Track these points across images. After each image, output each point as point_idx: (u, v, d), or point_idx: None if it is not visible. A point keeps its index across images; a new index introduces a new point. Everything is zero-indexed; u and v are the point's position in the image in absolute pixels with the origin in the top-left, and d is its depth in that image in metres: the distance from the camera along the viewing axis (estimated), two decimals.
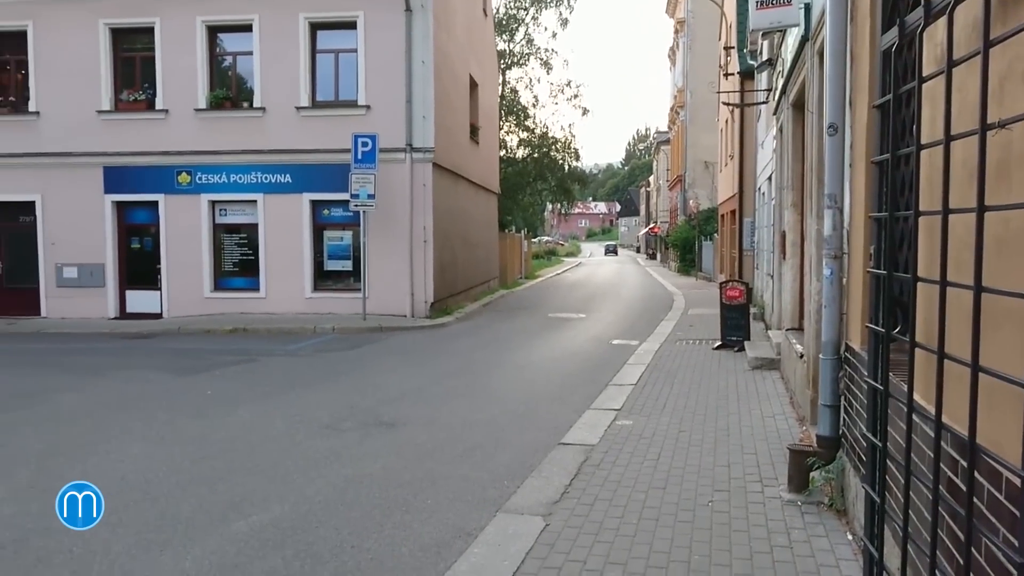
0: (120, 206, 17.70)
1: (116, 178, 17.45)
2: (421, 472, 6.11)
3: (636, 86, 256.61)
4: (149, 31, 17.26)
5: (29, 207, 17.62)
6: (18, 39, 17.46)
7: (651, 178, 77.81)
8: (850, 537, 4.52)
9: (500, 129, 32.78)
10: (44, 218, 17.59)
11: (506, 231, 32.85)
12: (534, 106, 40.51)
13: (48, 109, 17.41)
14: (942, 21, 2.10)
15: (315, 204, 17.25)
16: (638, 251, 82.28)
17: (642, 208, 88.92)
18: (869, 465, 2.90)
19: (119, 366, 11.56)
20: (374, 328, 15.43)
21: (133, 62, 17.79)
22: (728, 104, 21.67)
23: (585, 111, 48.85)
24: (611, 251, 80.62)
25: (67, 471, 6.13)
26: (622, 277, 38.43)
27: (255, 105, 17.17)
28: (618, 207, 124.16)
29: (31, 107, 17.51)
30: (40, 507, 5.26)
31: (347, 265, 17.30)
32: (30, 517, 5.09)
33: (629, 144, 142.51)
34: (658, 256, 59.60)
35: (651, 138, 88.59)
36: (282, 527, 4.91)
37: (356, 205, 15.99)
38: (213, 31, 17.39)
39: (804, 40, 7.98)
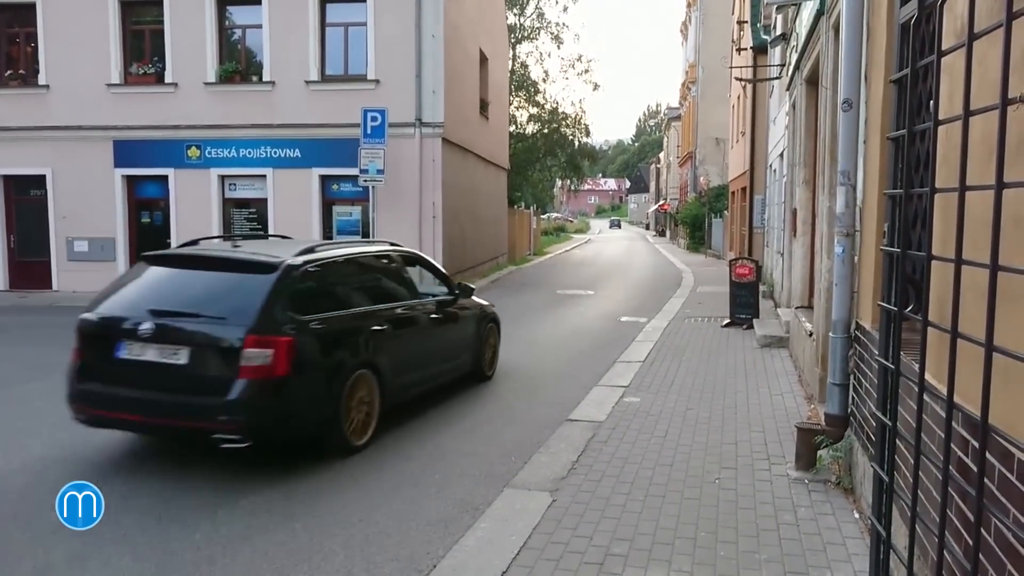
0: (130, 180, 17.73)
1: (126, 152, 17.46)
2: (429, 446, 6.14)
3: (647, 61, 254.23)
4: (158, 4, 17.17)
5: (40, 180, 17.67)
6: (27, 11, 17.42)
7: (661, 155, 77.37)
8: (857, 515, 4.52)
9: (510, 104, 32.57)
10: (55, 192, 17.64)
11: (515, 207, 32.77)
12: (544, 81, 40.26)
13: (58, 82, 17.39)
14: None
15: (324, 179, 17.24)
16: (647, 228, 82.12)
17: (652, 185, 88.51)
18: (878, 444, 2.88)
19: None
20: None
21: (142, 35, 17.73)
22: (740, 80, 21.43)
23: (596, 86, 48.71)
24: (615, 225, 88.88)
25: (79, 444, 6.17)
26: (631, 254, 38.33)
27: (264, 79, 17.10)
28: (628, 184, 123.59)
29: (41, 80, 17.50)
30: (52, 479, 5.30)
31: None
32: (42, 488, 5.14)
33: (640, 120, 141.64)
34: (667, 233, 59.39)
35: (662, 114, 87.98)
36: (291, 499, 4.95)
37: (365, 180, 15.95)
38: (222, 4, 17.30)
39: (819, 14, 7.86)
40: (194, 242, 6.76)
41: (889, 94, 3.14)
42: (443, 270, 8.46)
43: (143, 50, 17.71)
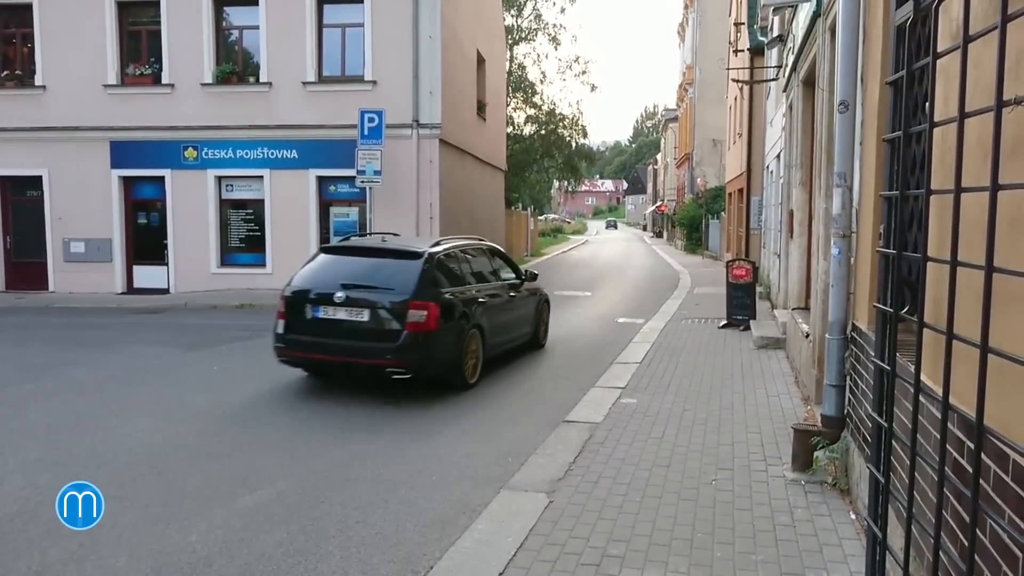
0: (127, 181, 17.71)
1: (123, 153, 17.44)
2: (426, 448, 6.13)
3: (645, 63, 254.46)
4: (155, 5, 17.16)
5: (36, 181, 17.64)
6: (24, 12, 17.40)
7: (658, 156, 77.47)
8: (853, 517, 4.52)
9: (507, 105, 32.58)
10: (51, 193, 17.61)
11: (513, 208, 32.76)
12: (542, 82, 40.25)
13: (54, 83, 17.37)
14: None
15: (321, 180, 17.22)
16: (644, 229, 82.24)
17: (649, 186, 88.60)
18: (874, 445, 2.88)
19: (126, 341, 11.61)
20: None
21: (139, 36, 17.71)
22: (737, 81, 21.46)
23: (593, 88, 48.58)
24: (611, 226, 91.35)
25: (75, 445, 6.18)
26: (628, 255, 38.34)
27: (261, 80, 17.10)
28: (625, 185, 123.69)
29: (37, 81, 17.48)
30: (48, 480, 5.30)
31: None
32: (38, 490, 5.13)
33: (637, 121, 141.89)
34: (664, 234, 59.44)
35: (659, 116, 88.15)
36: (288, 502, 4.94)
37: (362, 181, 15.93)
38: (219, 4, 17.29)
39: (816, 15, 7.88)
40: (346, 238, 9.89)
41: (885, 96, 3.15)
42: (512, 260, 10.80)
43: (140, 51, 17.69)
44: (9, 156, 17.55)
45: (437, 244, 8.54)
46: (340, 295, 7.69)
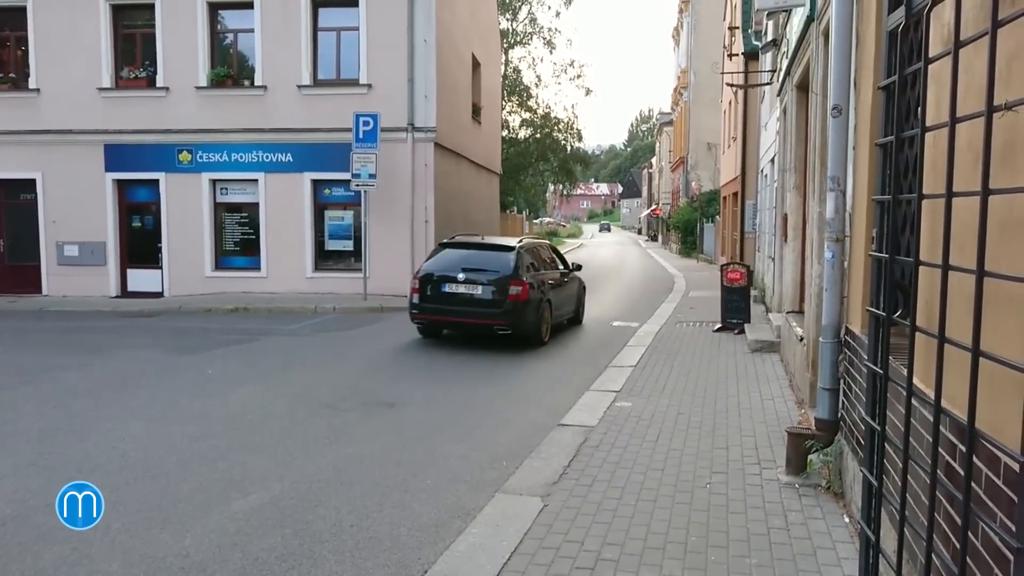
0: (121, 184, 17.65)
1: (117, 156, 17.39)
2: (421, 452, 6.13)
3: (640, 67, 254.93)
4: (150, 8, 17.13)
5: (30, 184, 17.58)
6: (18, 15, 17.34)
7: (653, 159, 77.59)
8: (847, 520, 4.53)
9: (502, 109, 32.62)
10: (45, 196, 17.55)
11: (508, 212, 32.83)
12: (537, 86, 40.26)
13: (49, 86, 17.32)
14: (949, 1, 2.07)
15: (316, 183, 17.20)
16: (639, 233, 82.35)
17: (644, 190, 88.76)
18: (867, 448, 2.89)
19: (120, 344, 11.57)
20: (375, 308, 15.43)
21: (134, 39, 17.67)
22: (732, 85, 21.52)
23: (588, 91, 48.34)
24: (604, 228, 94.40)
25: (68, 449, 6.16)
26: (623, 259, 38.36)
27: (256, 83, 17.08)
28: (620, 188, 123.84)
29: (31, 84, 17.42)
30: (41, 484, 5.28)
31: (348, 245, 17.28)
32: (31, 494, 5.11)
33: (632, 125, 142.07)
34: (659, 238, 59.53)
35: (654, 119, 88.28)
36: (282, 506, 4.93)
37: (357, 185, 15.93)
38: (214, 8, 17.26)
39: (810, 20, 7.91)
40: (453, 237, 12.62)
41: (878, 100, 3.16)
42: (562, 254, 14.02)
43: (134, 54, 17.66)
44: (3, 159, 17.48)
45: (520, 241, 12.17)
46: (462, 276, 11.02)
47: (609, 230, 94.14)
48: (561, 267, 13.07)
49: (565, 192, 53.77)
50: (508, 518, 4.65)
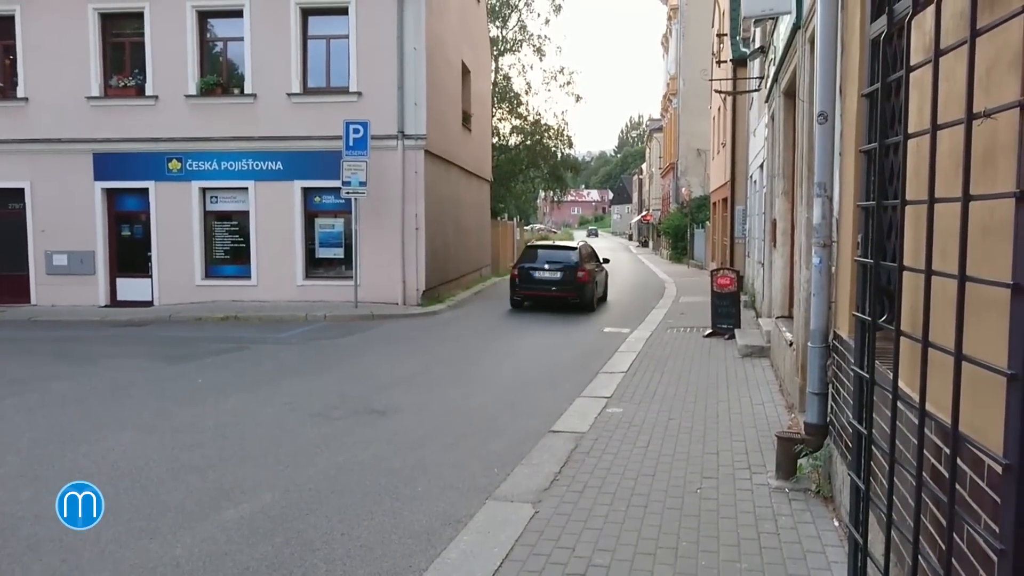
0: (110, 193, 17.59)
1: (106, 165, 17.33)
2: (412, 460, 6.12)
3: (629, 73, 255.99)
4: (139, 16, 17.09)
5: (18, 194, 17.48)
6: (6, 24, 17.27)
7: (644, 166, 77.84)
8: (836, 523, 4.55)
9: (492, 116, 32.66)
10: (34, 205, 17.46)
11: (498, 219, 32.79)
12: (527, 93, 40.28)
13: (37, 95, 17.25)
14: (930, 9, 2.10)
15: (306, 191, 17.18)
16: (630, 239, 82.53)
17: (635, 196, 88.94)
18: (855, 452, 2.92)
19: (110, 354, 11.52)
20: (366, 316, 15.42)
21: (123, 47, 17.63)
22: (720, 92, 21.63)
23: (578, 98, 48.38)
24: (592, 234, 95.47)
25: (57, 459, 6.13)
26: (614, 265, 38.28)
27: (246, 91, 17.06)
28: (611, 195, 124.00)
29: (20, 92, 17.34)
30: (30, 495, 5.26)
31: (339, 253, 17.27)
32: (20, 505, 5.09)
33: (622, 132, 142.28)
34: (650, 244, 59.66)
35: (644, 126, 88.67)
36: (272, 515, 4.92)
37: (348, 192, 15.92)
38: (204, 16, 17.24)
39: (796, 28, 7.97)
40: (533, 243, 21.83)
41: (862, 108, 3.20)
42: (597, 252, 19.73)
43: (123, 62, 17.62)
44: None
45: (579, 243, 18.86)
46: (547, 266, 16.74)
47: (596, 235, 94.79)
48: (598, 261, 18.93)
49: (556, 199, 53.83)
50: (499, 525, 4.65)
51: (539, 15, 77.96)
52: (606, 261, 19.86)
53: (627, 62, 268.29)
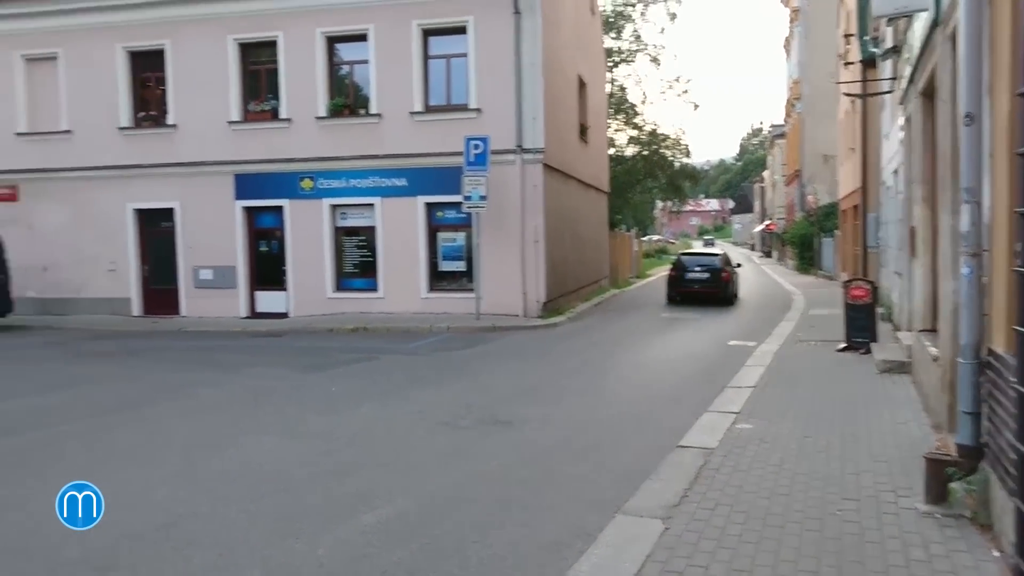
0: (249, 211, 18.73)
1: (245, 185, 18.49)
2: (539, 471, 6.18)
3: (750, 79, 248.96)
4: (273, 44, 18.15)
5: (169, 213, 18.94)
6: (157, 57, 18.77)
7: (765, 173, 75.45)
8: (996, 554, 4.25)
9: (609, 127, 32.55)
10: (182, 223, 18.86)
11: (616, 230, 32.58)
12: (643, 103, 39.90)
13: (184, 121, 18.63)
14: None
15: (429, 206, 17.69)
16: (752, 248, 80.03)
17: (756, 204, 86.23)
18: (1019, 477, 2.73)
19: (251, 363, 12.24)
20: (487, 328, 15.68)
21: (259, 74, 18.76)
22: (849, 95, 20.71)
23: (695, 106, 47.64)
24: (709, 244, 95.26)
25: (209, 461, 6.58)
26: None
27: (371, 112, 17.77)
28: (731, 204, 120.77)
29: (169, 120, 18.79)
30: (188, 493, 5.67)
31: (461, 266, 17.66)
32: (179, 502, 5.49)
33: (743, 139, 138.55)
34: (774, 254, 57.66)
35: (765, 132, 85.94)
36: (407, 520, 5.09)
37: (468, 207, 16.28)
38: (331, 41, 18.10)
39: (934, 24, 7.55)
40: (686, 251, 27.88)
41: (1016, 107, 3.01)
42: (729, 256, 24.94)
43: (260, 88, 18.74)
44: (145, 190, 18.94)
45: (721, 251, 24.45)
46: (697, 267, 21.41)
47: (713, 244, 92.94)
48: (733, 265, 23.29)
49: (674, 209, 52.94)
50: (629, 539, 4.62)
51: (654, 24, 77.21)
52: (739, 266, 24.60)
53: (748, 67, 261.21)
